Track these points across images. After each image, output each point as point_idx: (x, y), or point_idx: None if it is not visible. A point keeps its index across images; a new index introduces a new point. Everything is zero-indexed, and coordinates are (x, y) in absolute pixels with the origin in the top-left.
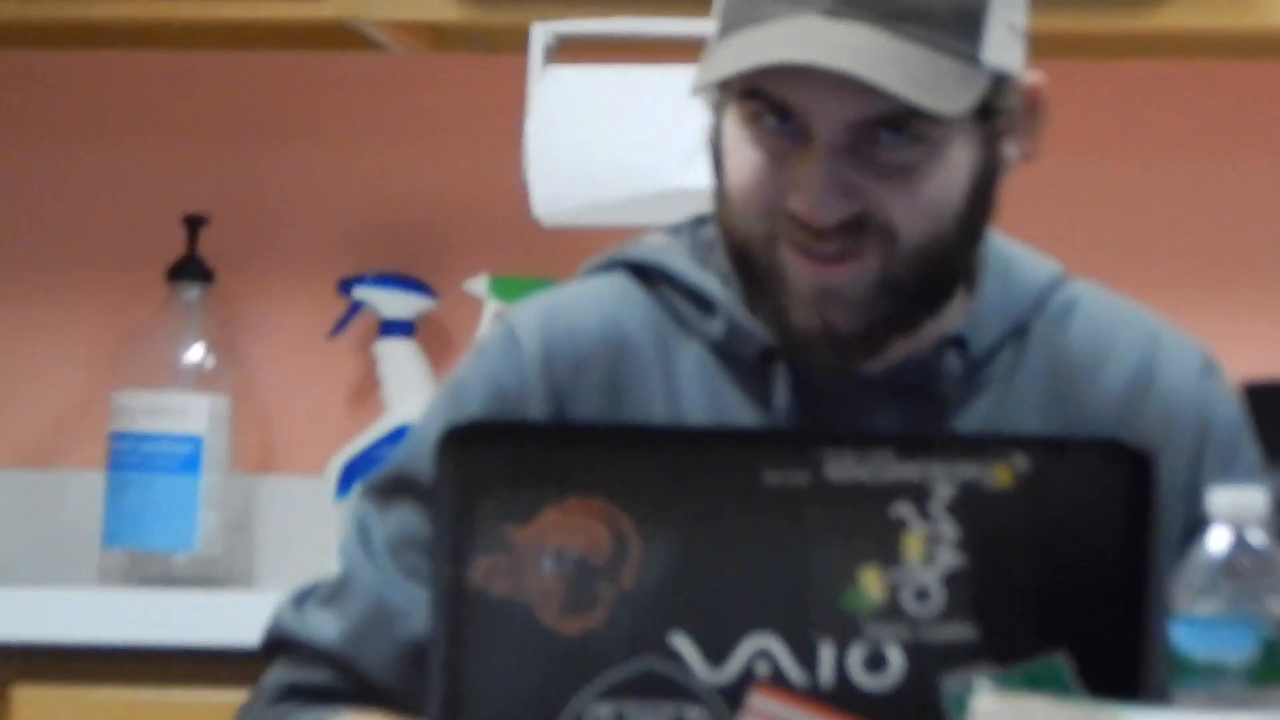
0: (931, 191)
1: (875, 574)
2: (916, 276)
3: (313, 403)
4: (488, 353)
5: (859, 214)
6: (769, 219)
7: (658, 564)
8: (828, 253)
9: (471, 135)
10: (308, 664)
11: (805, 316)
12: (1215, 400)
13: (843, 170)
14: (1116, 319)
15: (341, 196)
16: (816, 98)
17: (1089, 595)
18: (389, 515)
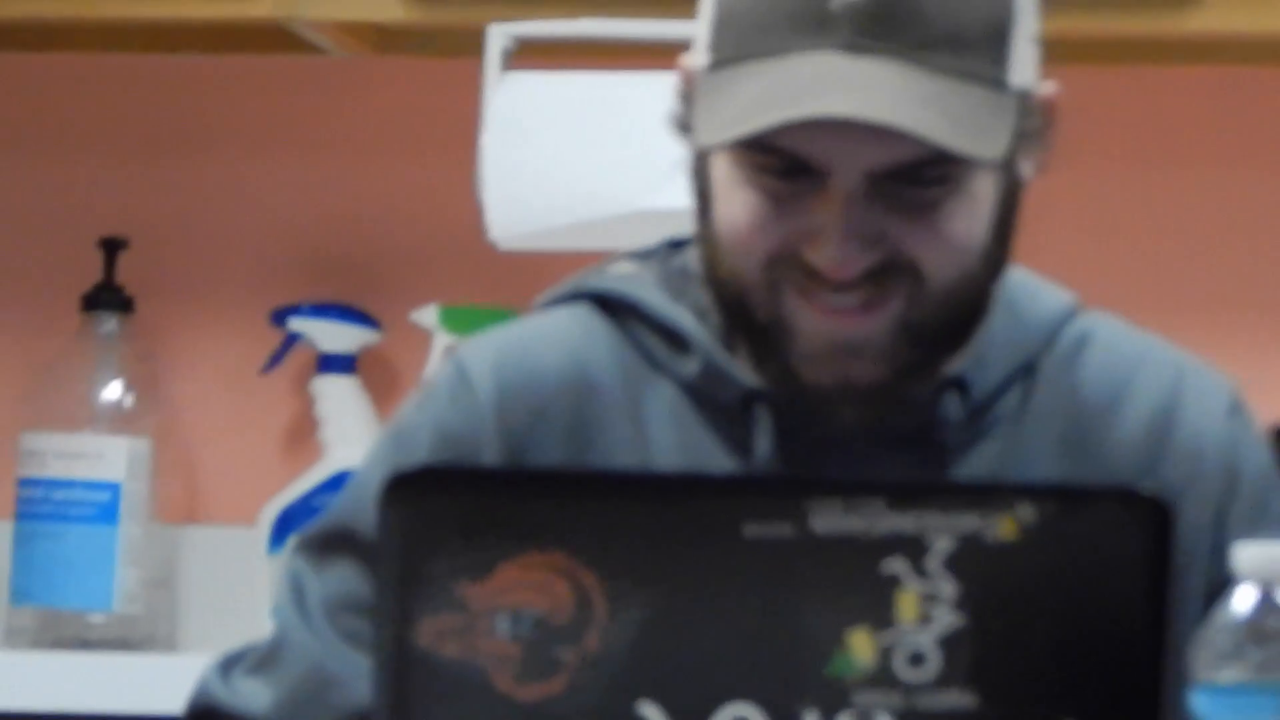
0: (958, 228)
1: (865, 636)
2: (942, 320)
3: (243, 446)
4: (436, 395)
5: (882, 260)
6: (772, 269)
7: (625, 625)
8: (849, 304)
9: (420, 149)
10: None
11: (821, 373)
12: (1244, 445)
13: (864, 217)
14: (1134, 355)
15: (276, 217)
16: (838, 148)
17: (1101, 660)
18: (326, 573)
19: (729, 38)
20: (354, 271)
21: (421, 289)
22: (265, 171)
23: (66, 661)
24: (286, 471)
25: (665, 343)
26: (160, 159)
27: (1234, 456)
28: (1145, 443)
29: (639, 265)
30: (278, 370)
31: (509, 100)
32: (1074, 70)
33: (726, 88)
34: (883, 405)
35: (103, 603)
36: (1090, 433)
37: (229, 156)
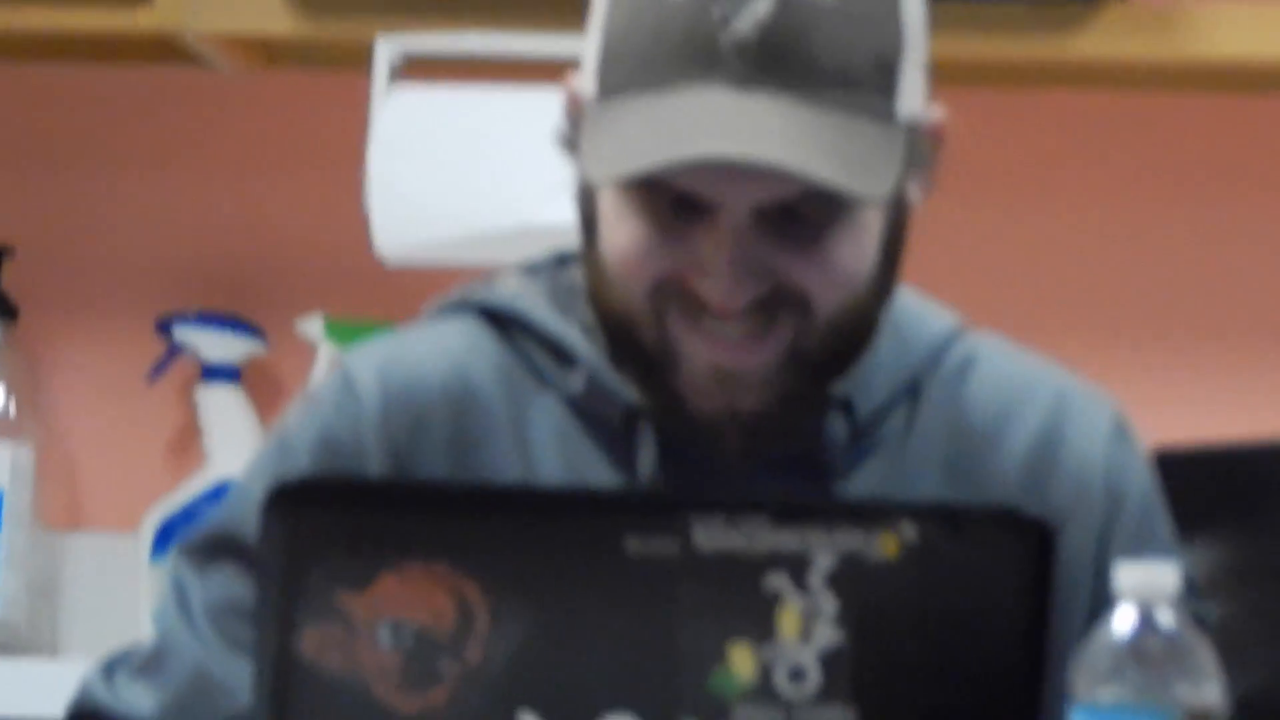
0: (846, 258)
1: (746, 651)
2: (829, 348)
3: (126, 454)
4: (320, 403)
5: (770, 290)
6: (659, 295)
7: (507, 638)
8: (735, 335)
9: (307, 162)
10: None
11: (706, 401)
12: (1127, 468)
13: (751, 250)
14: (1020, 376)
15: (161, 227)
16: (726, 186)
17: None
18: (209, 579)
19: (616, 68)
20: (240, 282)
21: (307, 300)
22: (153, 181)
23: None
24: (169, 480)
25: (551, 357)
26: (47, 168)
27: (1118, 479)
28: (1029, 465)
29: (526, 279)
30: (162, 379)
31: (396, 114)
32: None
33: (613, 121)
34: (767, 432)
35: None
36: (974, 454)
37: (117, 166)
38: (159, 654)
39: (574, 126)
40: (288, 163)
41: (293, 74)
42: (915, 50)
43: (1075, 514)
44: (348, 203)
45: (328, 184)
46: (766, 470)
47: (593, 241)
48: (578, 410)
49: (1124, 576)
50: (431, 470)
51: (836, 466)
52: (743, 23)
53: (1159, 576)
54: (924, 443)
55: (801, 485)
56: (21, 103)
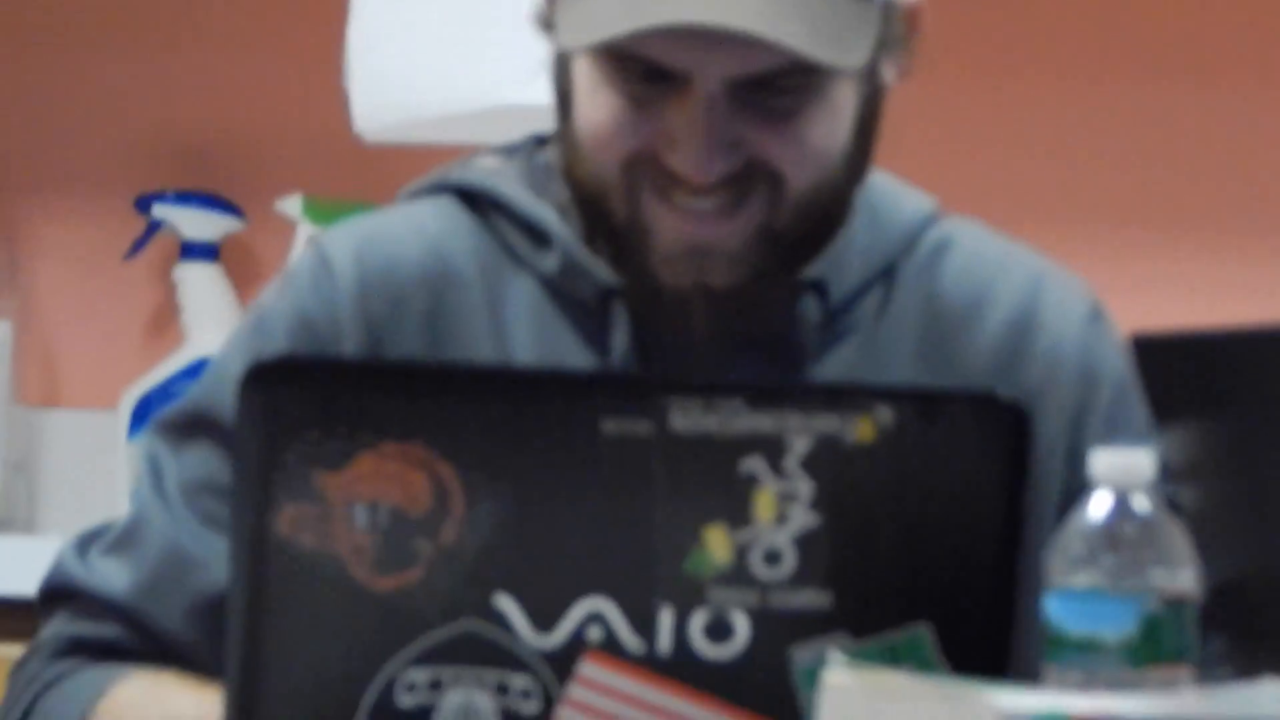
0: (819, 135)
1: (722, 534)
2: (801, 226)
3: (104, 331)
4: (297, 281)
5: (742, 165)
6: (632, 171)
7: (482, 518)
8: (707, 209)
9: (288, 39)
10: (93, 616)
11: (678, 275)
12: (1102, 351)
13: (724, 123)
14: (995, 260)
15: (140, 105)
16: (700, 55)
17: (955, 563)
18: (184, 456)
19: None
20: (219, 160)
21: (286, 179)
22: (133, 59)
23: None
24: (147, 358)
25: (526, 237)
26: (24, 46)
27: (1092, 362)
28: (1003, 348)
29: (503, 160)
30: (140, 257)
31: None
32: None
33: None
34: (738, 308)
35: None
36: (949, 337)
37: (95, 43)
38: (133, 530)
39: (548, 3)
40: (267, 41)
41: None
42: None
43: (1047, 397)
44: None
45: (308, 62)
46: (739, 351)
47: (567, 117)
48: (552, 290)
49: (1099, 462)
50: (407, 349)
51: (809, 349)
52: None
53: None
54: (898, 326)
55: (774, 367)
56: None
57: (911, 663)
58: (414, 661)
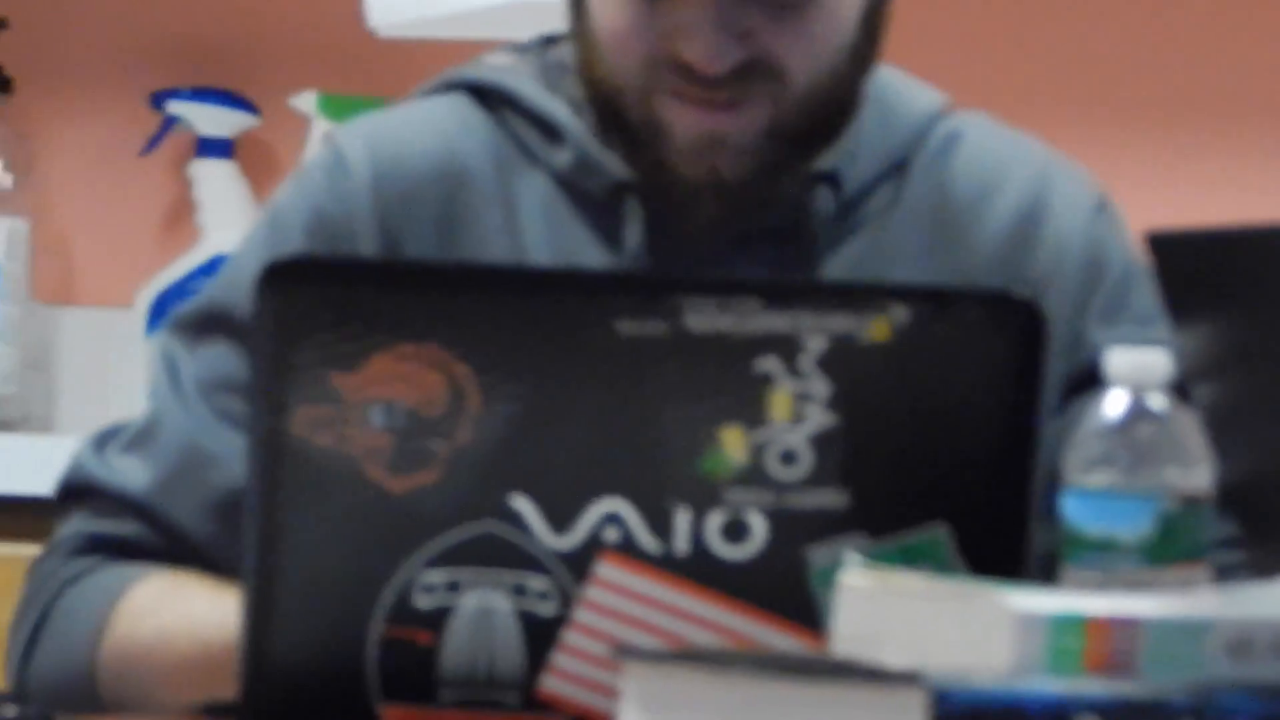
0: (824, 27)
1: (737, 434)
2: (808, 119)
3: (121, 228)
4: (311, 178)
5: (750, 58)
6: (648, 70)
7: (498, 419)
8: (717, 100)
9: None
10: (111, 513)
11: (691, 167)
12: (1108, 241)
13: (733, 12)
14: (1004, 152)
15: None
16: None
17: (972, 462)
18: (200, 353)
19: None
20: (234, 56)
21: (301, 75)
22: None
23: None
24: (164, 254)
25: (539, 133)
26: None
27: (1098, 250)
28: (1011, 237)
29: (515, 57)
30: (155, 153)
31: None
32: None
33: None
34: (751, 200)
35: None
36: (958, 228)
37: None
38: (150, 428)
39: None
40: None
41: None
42: None
43: (1053, 284)
44: None
45: None
46: (752, 244)
47: (581, 17)
48: (565, 186)
49: (1115, 361)
50: (422, 245)
51: (821, 240)
52: None
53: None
54: (908, 219)
55: (787, 260)
56: None
57: (928, 563)
58: (430, 563)
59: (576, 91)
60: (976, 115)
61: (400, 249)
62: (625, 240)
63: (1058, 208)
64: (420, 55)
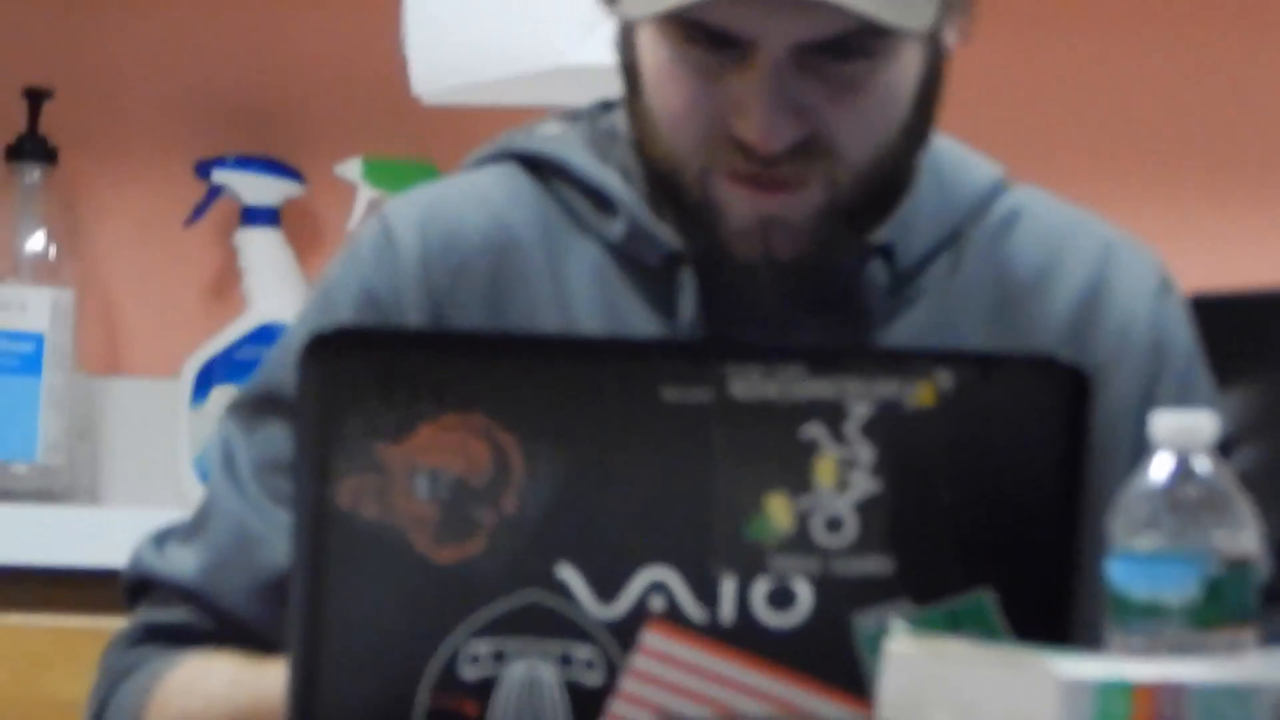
0: (879, 106)
1: (783, 501)
2: (863, 197)
3: (166, 298)
4: (360, 253)
5: (805, 137)
6: (705, 148)
7: (544, 487)
8: (773, 180)
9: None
10: (166, 602)
11: (746, 247)
12: (1172, 321)
13: (790, 88)
14: (1065, 228)
15: (201, 69)
16: (766, 21)
17: (1017, 527)
18: (255, 436)
19: None
20: (278, 124)
21: (345, 142)
22: (191, 23)
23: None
24: (209, 324)
25: (591, 204)
26: (86, 9)
27: (1162, 332)
28: (1074, 316)
29: (566, 126)
30: (201, 222)
31: None
32: None
33: None
34: (804, 279)
35: (26, 453)
36: (1019, 304)
37: (155, 7)
38: (204, 515)
39: None
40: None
41: None
42: None
43: (1119, 365)
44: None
45: (365, 23)
46: (808, 316)
47: (636, 91)
48: (617, 256)
49: (1161, 425)
50: (471, 319)
51: (876, 313)
52: None
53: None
54: (967, 293)
55: (842, 331)
56: None
57: (974, 629)
58: (477, 633)
59: (628, 160)
60: (1035, 190)
61: (449, 323)
62: (680, 310)
63: (1120, 288)
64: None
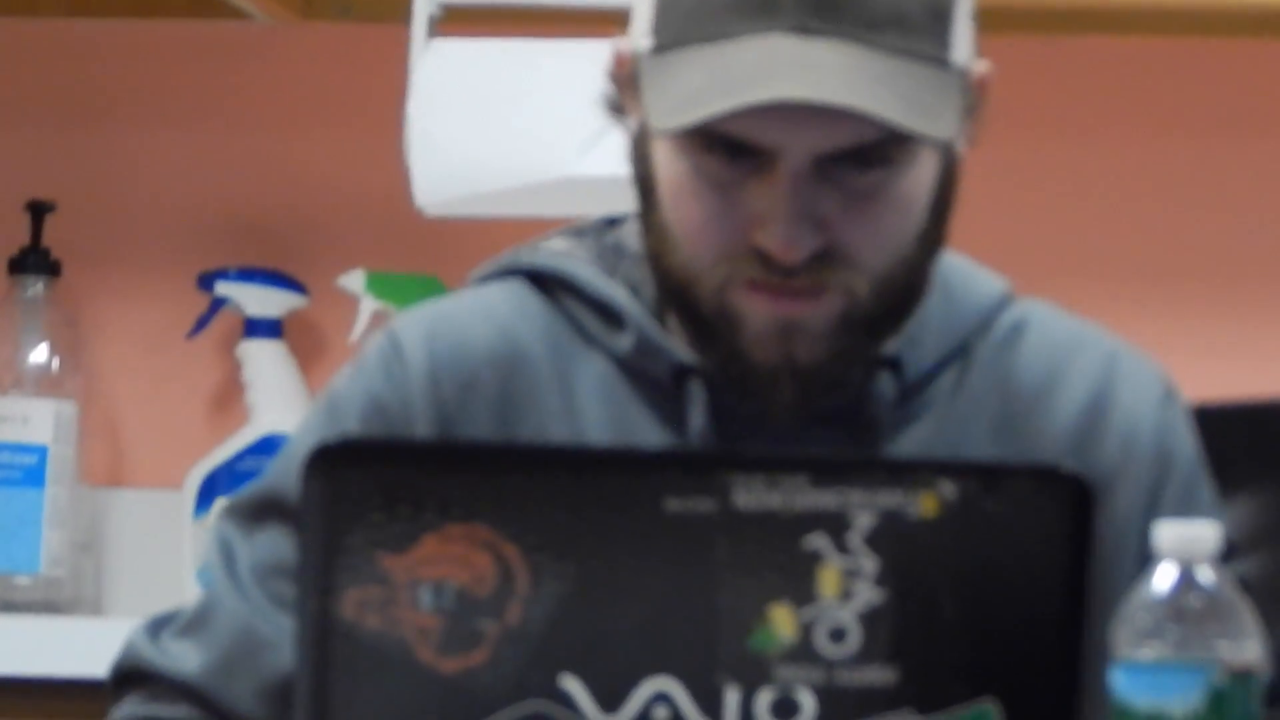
0: (897, 215)
1: (786, 611)
2: (880, 304)
3: (169, 410)
4: (369, 366)
5: (824, 247)
6: (724, 260)
7: (547, 599)
8: (793, 289)
9: (346, 115)
10: (164, 698)
11: (765, 353)
12: (1175, 433)
13: (811, 199)
14: (1070, 341)
15: (202, 182)
16: (788, 131)
17: (1021, 637)
18: (256, 539)
19: (673, 21)
20: (281, 236)
21: (348, 254)
22: (193, 136)
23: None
24: (212, 436)
25: (599, 317)
26: (88, 124)
27: (1167, 443)
28: (1079, 426)
29: (573, 242)
30: (204, 334)
31: (435, 67)
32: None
33: (674, 72)
34: (822, 385)
35: (29, 565)
36: (1024, 417)
37: (157, 121)
38: (204, 613)
39: (620, 87)
40: (327, 115)
41: (331, 25)
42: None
43: (1124, 476)
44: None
45: (367, 137)
46: (815, 427)
47: (651, 203)
48: (626, 370)
49: (1164, 535)
50: (479, 432)
51: (884, 425)
52: None
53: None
54: (973, 405)
55: (849, 443)
56: (62, 57)
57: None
58: None
59: (635, 274)
60: (1040, 303)
61: (456, 436)
62: (689, 422)
63: (1125, 398)
64: (467, 233)
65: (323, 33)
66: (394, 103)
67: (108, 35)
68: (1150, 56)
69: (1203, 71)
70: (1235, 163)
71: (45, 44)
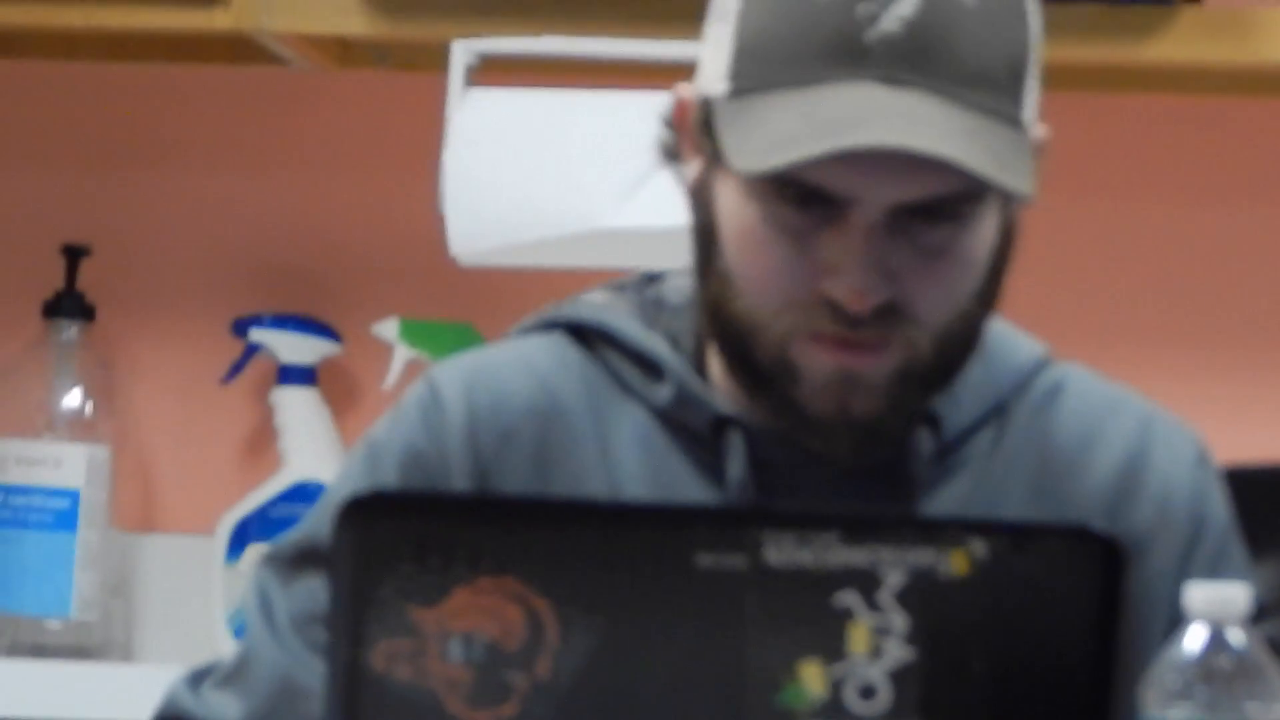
0: (960, 272)
1: (816, 668)
2: (938, 360)
3: (202, 455)
4: (407, 415)
5: (889, 301)
6: (790, 310)
7: (577, 652)
8: (857, 341)
9: (382, 162)
10: None
11: (822, 405)
12: (1210, 495)
13: (883, 250)
14: (1106, 404)
15: (238, 227)
16: (867, 180)
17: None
18: (294, 588)
19: (754, 66)
20: (315, 283)
21: (382, 302)
22: (229, 182)
23: (23, 669)
24: (245, 482)
25: (638, 369)
26: (124, 167)
27: (1200, 505)
28: (1114, 488)
29: (613, 295)
30: (238, 380)
31: (472, 116)
32: None
33: (760, 116)
34: (876, 438)
35: (60, 609)
36: (1060, 478)
37: (193, 166)
38: (243, 663)
39: (680, 133)
40: (363, 163)
41: (368, 74)
42: (1037, 58)
43: (1158, 538)
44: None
45: (402, 185)
46: (852, 481)
47: (712, 250)
48: (664, 420)
49: (1195, 596)
50: (516, 483)
51: (921, 481)
52: (890, 20)
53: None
54: (1009, 465)
55: (886, 498)
56: (99, 102)
57: None
58: None
59: (676, 327)
60: (1077, 366)
61: (494, 487)
62: (728, 474)
63: (1160, 461)
64: (502, 282)
65: (360, 80)
66: (430, 151)
67: (145, 80)
68: (1183, 116)
69: (1239, 132)
70: (1269, 226)
71: (82, 87)
